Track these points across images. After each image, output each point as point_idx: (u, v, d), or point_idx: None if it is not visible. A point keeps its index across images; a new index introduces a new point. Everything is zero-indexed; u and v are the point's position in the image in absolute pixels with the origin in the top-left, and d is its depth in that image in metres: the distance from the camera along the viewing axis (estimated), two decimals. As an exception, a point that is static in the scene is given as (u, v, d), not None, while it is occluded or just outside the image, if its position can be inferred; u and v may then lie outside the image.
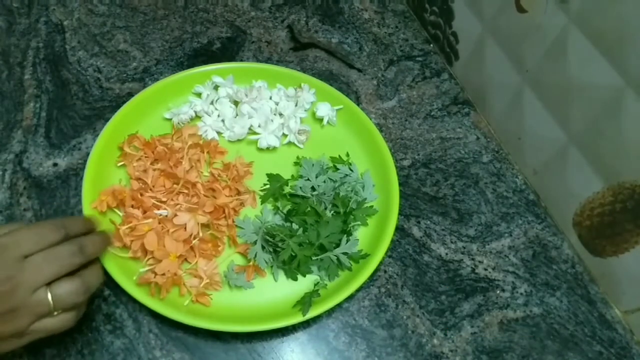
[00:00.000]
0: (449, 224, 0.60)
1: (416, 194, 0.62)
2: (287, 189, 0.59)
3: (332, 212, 0.57)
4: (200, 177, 0.57)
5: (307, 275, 0.54)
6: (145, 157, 0.58)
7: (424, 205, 0.62)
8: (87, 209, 0.53)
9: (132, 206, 0.54)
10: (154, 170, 0.56)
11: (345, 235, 0.54)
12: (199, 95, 0.65)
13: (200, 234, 0.53)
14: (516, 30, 0.60)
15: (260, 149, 0.63)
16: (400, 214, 0.59)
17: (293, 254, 0.52)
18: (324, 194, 0.57)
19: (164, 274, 0.50)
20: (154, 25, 0.74)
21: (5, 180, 0.58)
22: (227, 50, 0.73)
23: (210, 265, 0.53)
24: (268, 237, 0.53)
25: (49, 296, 0.39)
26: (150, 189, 0.55)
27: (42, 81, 0.66)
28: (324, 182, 0.58)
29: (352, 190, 0.58)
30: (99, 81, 0.67)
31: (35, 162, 0.60)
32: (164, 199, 0.55)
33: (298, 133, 0.63)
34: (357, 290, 0.54)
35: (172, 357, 0.49)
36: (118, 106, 0.61)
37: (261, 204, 0.58)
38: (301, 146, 0.63)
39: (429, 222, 0.60)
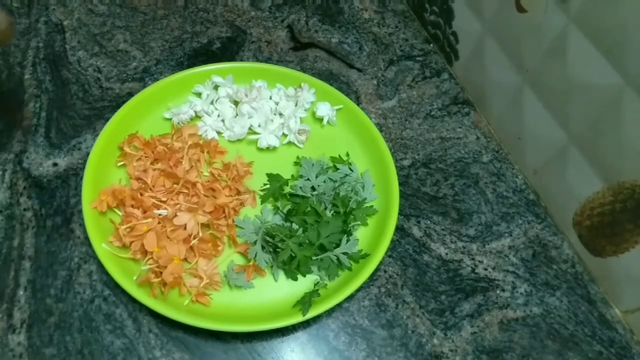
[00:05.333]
0: (449, 223, 0.60)
1: (416, 194, 0.62)
2: (287, 189, 0.59)
3: (332, 212, 0.57)
4: (200, 177, 0.57)
5: (307, 275, 0.54)
6: (145, 157, 0.58)
7: (424, 205, 0.62)
8: (87, 208, 0.53)
9: (132, 206, 0.54)
10: (154, 170, 0.56)
11: (345, 235, 0.54)
12: (199, 95, 0.65)
13: (200, 234, 0.53)
14: (516, 30, 0.60)
15: (260, 149, 0.63)
16: (400, 214, 0.59)
17: (293, 254, 0.52)
18: (324, 194, 0.57)
19: (170, 274, 0.50)
20: (154, 25, 0.74)
21: (5, 180, 0.58)
22: (227, 50, 0.73)
23: (210, 265, 0.53)
24: (268, 237, 0.53)
25: None
26: (150, 189, 0.55)
27: (42, 81, 0.66)
28: (324, 182, 0.58)
29: (352, 190, 0.58)
30: (99, 81, 0.67)
31: (35, 162, 0.60)
32: (164, 199, 0.55)
33: (298, 133, 0.63)
34: (357, 290, 0.54)
35: (172, 357, 0.49)
36: (118, 106, 0.61)
37: (261, 204, 0.58)
38: (301, 146, 0.63)
39: (429, 222, 0.60)
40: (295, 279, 0.54)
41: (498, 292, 0.56)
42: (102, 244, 0.51)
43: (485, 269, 0.58)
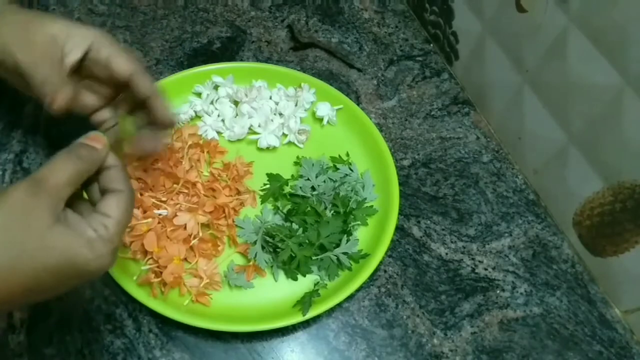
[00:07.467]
0: (449, 223, 0.60)
1: (416, 194, 0.62)
2: (287, 189, 0.59)
3: (332, 212, 0.57)
4: (200, 176, 0.57)
5: (307, 275, 0.54)
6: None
7: (424, 205, 0.62)
8: (87, 208, 0.53)
9: (132, 206, 0.54)
10: (154, 170, 0.56)
11: (345, 235, 0.54)
12: (199, 95, 0.65)
13: (200, 234, 0.53)
14: (516, 30, 0.60)
15: (260, 149, 0.63)
16: (400, 213, 0.59)
17: (293, 254, 0.52)
18: (324, 193, 0.57)
19: (170, 274, 0.50)
20: (154, 25, 0.74)
21: (5, 180, 0.58)
22: (227, 50, 0.73)
23: (210, 265, 0.53)
24: (268, 237, 0.53)
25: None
26: (150, 189, 0.55)
27: (42, 81, 0.66)
28: (324, 182, 0.58)
29: (352, 190, 0.58)
30: (99, 81, 0.67)
31: (36, 162, 0.60)
32: (164, 199, 0.55)
33: (298, 133, 0.63)
34: (357, 290, 0.54)
35: (172, 357, 0.49)
36: (118, 106, 0.61)
37: (261, 204, 0.58)
38: (301, 146, 0.63)
39: (429, 221, 0.60)
40: (295, 279, 0.54)
41: (498, 292, 0.56)
42: (102, 244, 0.51)
43: (485, 269, 0.58)
